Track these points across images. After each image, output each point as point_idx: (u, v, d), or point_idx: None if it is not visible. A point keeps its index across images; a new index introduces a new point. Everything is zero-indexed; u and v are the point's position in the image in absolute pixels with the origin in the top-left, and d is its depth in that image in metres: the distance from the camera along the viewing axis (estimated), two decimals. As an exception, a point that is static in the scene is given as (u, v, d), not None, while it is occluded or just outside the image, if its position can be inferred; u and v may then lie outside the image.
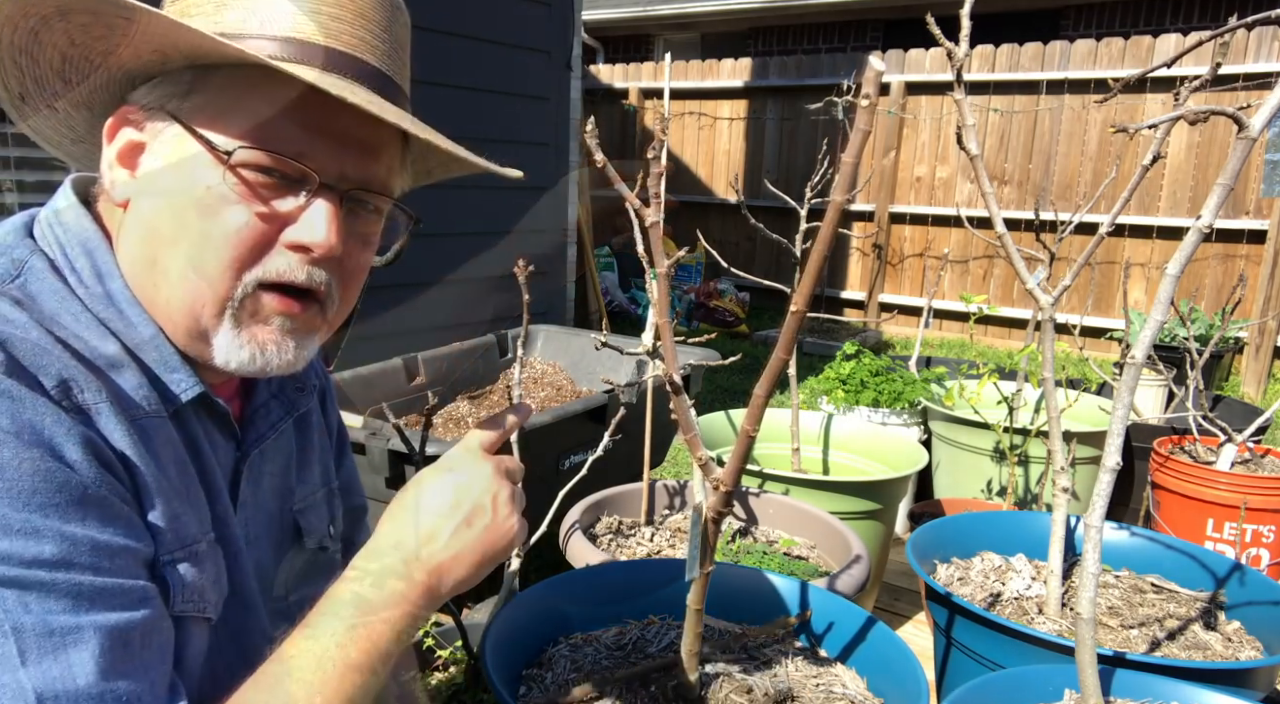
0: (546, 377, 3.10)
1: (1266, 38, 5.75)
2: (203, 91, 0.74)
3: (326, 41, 0.74)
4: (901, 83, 7.09)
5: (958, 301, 6.89)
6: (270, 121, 0.73)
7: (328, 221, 0.75)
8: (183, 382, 0.76)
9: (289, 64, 0.71)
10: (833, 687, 1.23)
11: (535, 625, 1.32)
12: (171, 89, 0.75)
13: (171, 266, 0.74)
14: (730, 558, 1.90)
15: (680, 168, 8.48)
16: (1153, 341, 1.16)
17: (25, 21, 0.70)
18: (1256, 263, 5.90)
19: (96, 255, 0.75)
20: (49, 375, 0.65)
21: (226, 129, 0.73)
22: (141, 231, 0.75)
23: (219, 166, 0.73)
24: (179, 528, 0.73)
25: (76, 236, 0.75)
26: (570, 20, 4.59)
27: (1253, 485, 2.30)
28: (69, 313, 0.71)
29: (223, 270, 0.73)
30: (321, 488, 1.00)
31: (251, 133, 0.73)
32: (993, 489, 2.83)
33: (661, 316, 1.02)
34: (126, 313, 0.74)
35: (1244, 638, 1.58)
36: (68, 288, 0.73)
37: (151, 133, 0.75)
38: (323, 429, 1.03)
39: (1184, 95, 1.37)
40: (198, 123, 0.73)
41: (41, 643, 0.60)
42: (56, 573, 0.61)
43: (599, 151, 0.95)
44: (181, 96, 0.74)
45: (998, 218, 1.57)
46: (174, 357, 0.76)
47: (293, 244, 0.75)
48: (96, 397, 0.67)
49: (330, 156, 0.75)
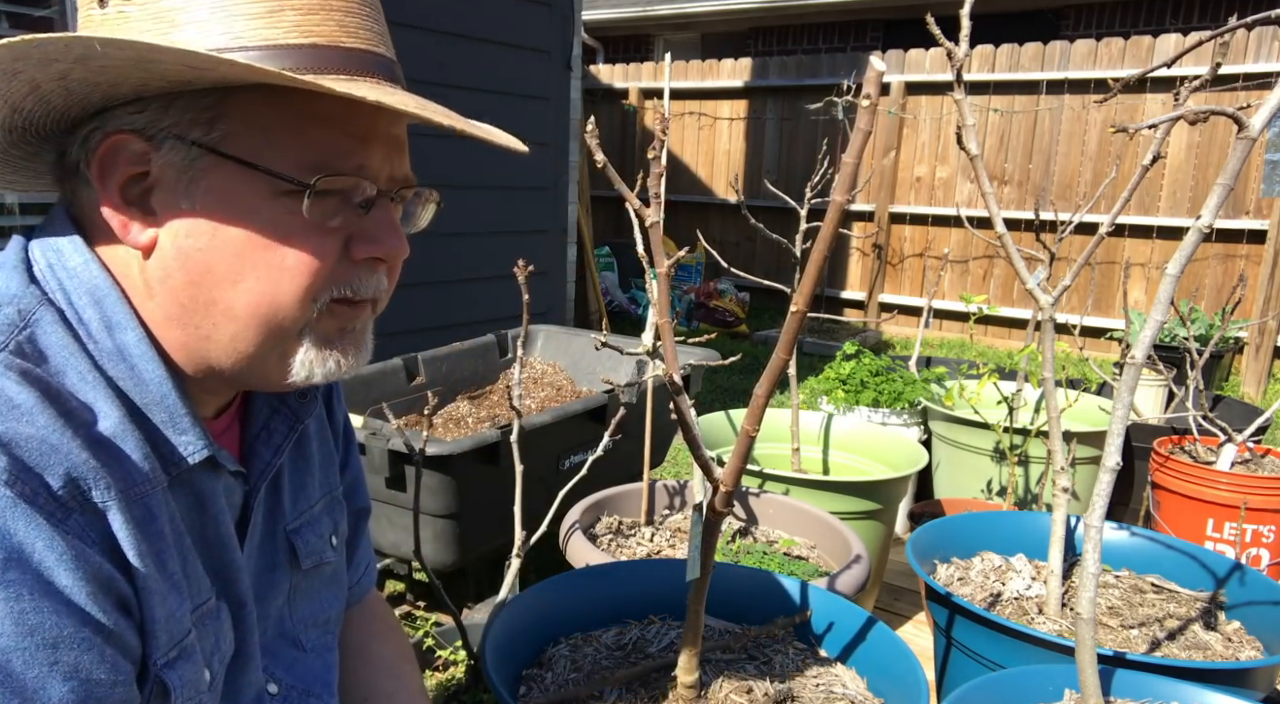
0: (546, 376, 3.10)
1: (1266, 38, 5.75)
2: (231, 116, 0.67)
3: (350, 43, 0.70)
4: (901, 83, 7.09)
5: (958, 302, 6.89)
6: (325, 142, 0.69)
7: (395, 230, 0.74)
8: (190, 444, 0.71)
9: (327, 77, 0.67)
10: (833, 687, 1.23)
11: (535, 625, 1.32)
12: (189, 115, 0.67)
13: (237, 303, 0.70)
14: (730, 558, 1.90)
15: (680, 168, 8.48)
16: (1153, 341, 1.16)
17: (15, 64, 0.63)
18: (1256, 263, 5.90)
19: (106, 305, 0.69)
20: (56, 476, 0.60)
21: (279, 157, 0.68)
22: (190, 275, 0.69)
23: (282, 197, 0.68)
24: (172, 627, 0.69)
25: (83, 284, 0.69)
26: (570, 20, 4.59)
27: (1253, 485, 2.30)
28: (75, 372, 0.66)
29: (301, 299, 0.71)
30: (320, 498, 0.95)
31: (312, 158, 0.69)
32: (993, 489, 2.83)
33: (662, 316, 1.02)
34: (139, 368, 0.69)
35: (1244, 638, 1.58)
36: (78, 343, 0.67)
37: (168, 165, 0.68)
38: (324, 435, 0.98)
39: (1184, 95, 1.37)
40: (246, 155, 0.67)
41: None
42: None
43: (599, 152, 0.95)
44: (205, 124, 0.67)
45: (998, 218, 1.57)
46: (184, 417, 0.71)
47: (367, 257, 0.74)
48: (105, 495, 0.63)
49: (381, 162, 0.73)
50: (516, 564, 1.77)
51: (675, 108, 8.40)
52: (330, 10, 0.69)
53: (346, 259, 0.73)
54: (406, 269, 0.81)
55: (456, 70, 4.00)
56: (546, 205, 4.68)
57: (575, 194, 4.91)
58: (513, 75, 4.31)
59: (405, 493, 2.06)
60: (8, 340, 0.64)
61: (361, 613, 1.11)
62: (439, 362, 2.92)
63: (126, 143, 0.68)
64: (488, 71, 4.18)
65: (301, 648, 0.91)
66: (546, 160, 4.60)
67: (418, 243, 0.82)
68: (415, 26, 3.78)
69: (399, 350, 2.85)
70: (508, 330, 3.20)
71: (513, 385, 1.83)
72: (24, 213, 3.03)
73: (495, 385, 3.06)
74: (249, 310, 0.70)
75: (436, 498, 2.04)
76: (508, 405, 2.61)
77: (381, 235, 0.74)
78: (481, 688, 1.89)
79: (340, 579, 0.99)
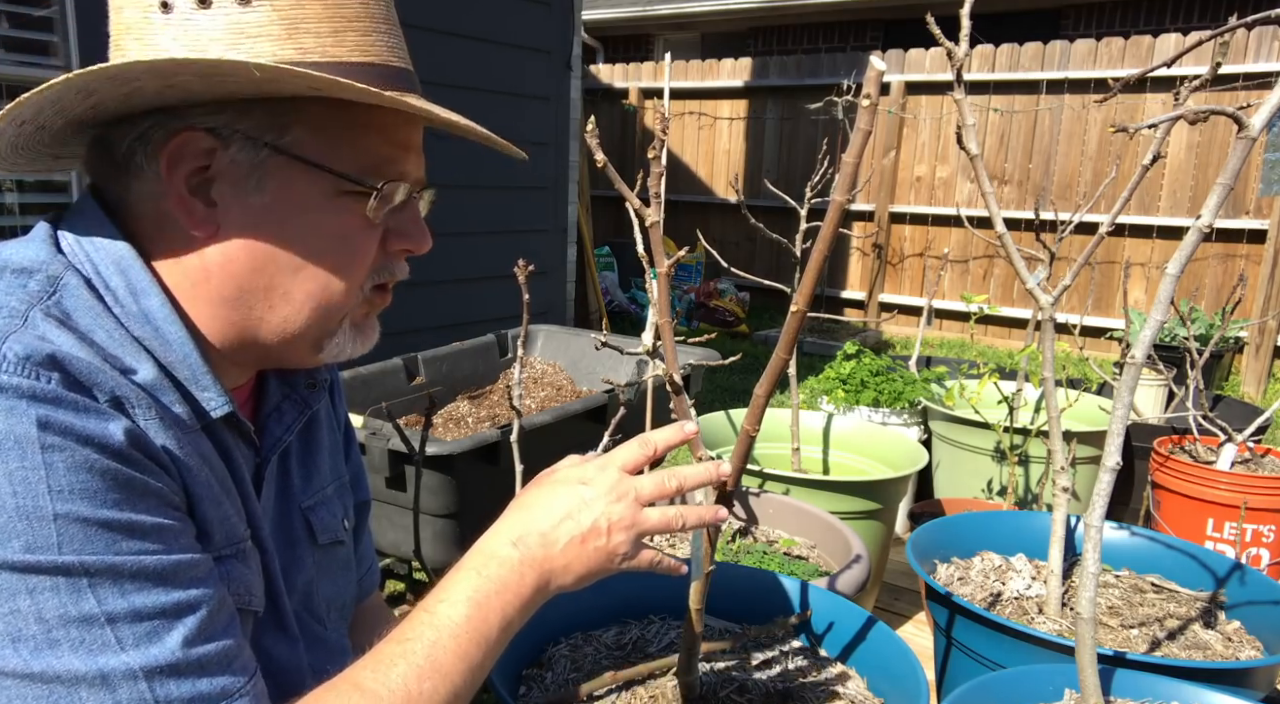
0: (546, 376, 3.10)
1: (1266, 38, 5.75)
2: (302, 123, 0.75)
3: (399, 63, 0.79)
4: (901, 83, 7.09)
5: (958, 301, 6.89)
6: (379, 150, 0.78)
7: (424, 226, 0.84)
8: (213, 400, 0.78)
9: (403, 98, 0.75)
10: (833, 686, 1.23)
11: (535, 625, 1.31)
12: (266, 120, 0.74)
13: (295, 289, 0.78)
14: (730, 558, 1.90)
15: (680, 167, 8.48)
16: (1153, 341, 1.16)
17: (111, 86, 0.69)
18: (1256, 262, 5.90)
19: (131, 273, 0.75)
20: (103, 392, 0.67)
21: (339, 160, 0.76)
22: (254, 261, 0.77)
23: (349, 197, 0.77)
24: (228, 528, 0.77)
25: (109, 254, 0.75)
26: (570, 20, 4.59)
27: (1253, 485, 2.30)
28: (103, 330, 0.72)
29: (354, 288, 0.81)
30: (332, 482, 1.01)
31: (369, 164, 0.78)
32: (993, 489, 2.83)
33: (662, 316, 1.02)
34: (163, 330, 0.75)
35: (1244, 638, 1.58)
36: (103, 305, 0.73)
37: (236, 162, 0.74)
38: (332, 423, 1.04)
39: (1184, 95, 1.37)
40: (315, 157, 0.76)
41: (135, 628, 0.65)
42: (141, 557, 0.66)
43: (599, 151, 0.95)
44: (279, 129, 0.75)
45: (998, 217, 1.57)
46: (206, 375, 0.77)
47: (403, 251, 0.84)
48: (147, 413, 0.70)
49: (414, 166, 0.82)
50: (516, 564, 1.77)
51: (675, 108, 8.40)
52: (380, 34, 0.77)
53: (383, 251, 0.82)
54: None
55: (456, 70, 4.00)
56: (546, 205, 4.68)
57: (575, 194, 4.91)
58: (513, 75, 4.31)
59: (405, 493, 2.06)
60: (40, 302, 0.70)
61: (366, 614, 1.14)
62: (439, 361, 2.92)
63: (197, 140, 0.74)
64: (487, 71, 4.18)
65: (324, 626, 0.96)
66: (546, 160, 4.60)
67: None
68: (415, 26, 3.76)
69: (399, 350, 2.85)
70: (508, 330, 3.20)
71: (513, 385, 1.83)
72: (24, 213, 3.03)
73: (495, 385, 3.06)
74: (305, 296, 0.79)
75: (436, 498, 2.04)
76: (508, 405, 2.61)
77: (414, 231, 0.84)
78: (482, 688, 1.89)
79: (352, 566, 1.04)
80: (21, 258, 0.73)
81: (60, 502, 0.63)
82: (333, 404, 1.05)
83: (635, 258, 5.19)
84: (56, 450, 0.63)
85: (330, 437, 1.02)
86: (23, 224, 3.00)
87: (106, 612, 0.64)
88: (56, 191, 3.17)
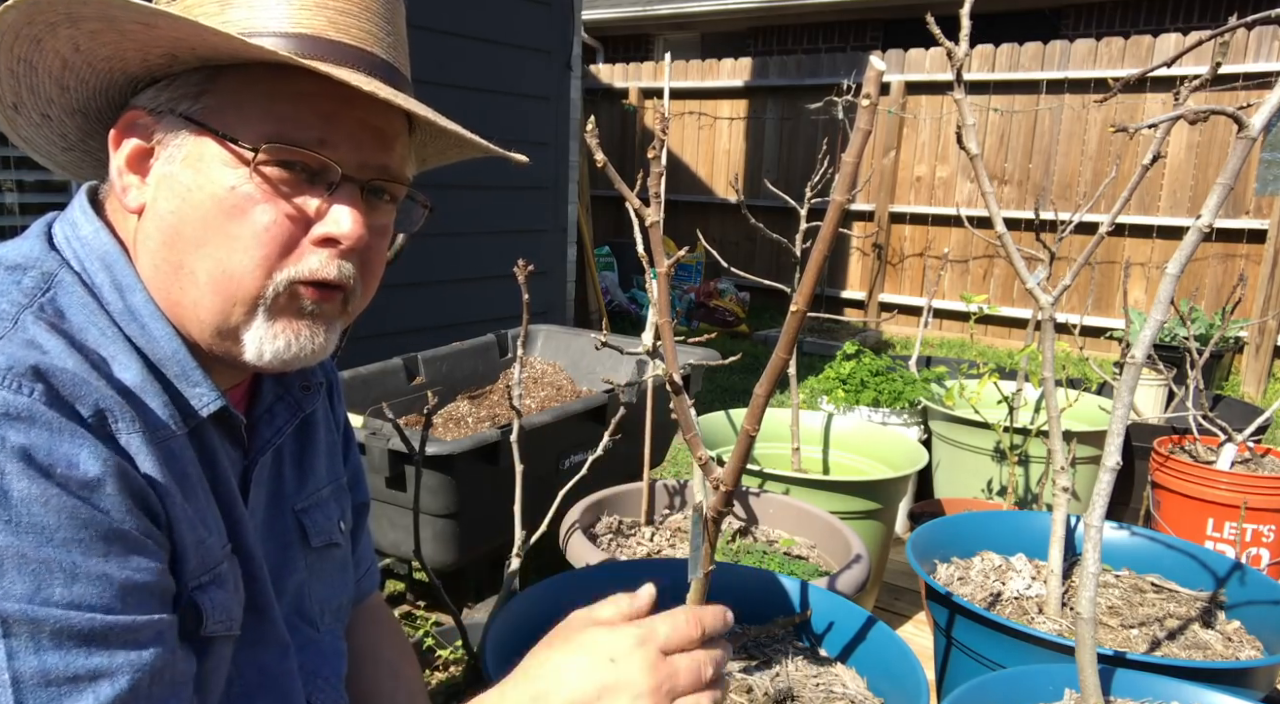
0: (546, 376, 3.10)
1: (1266, 37, 5.75)
2: (215, 92, 0.73)
3: (336, 36, 0.74)
4: (901, 82, 7.09)
5: (958, 301, 6.89)
6: (290, 117, 0.73)
7: (354, 214, 0.76)
8: (204, 396, 0.76)
9: (306, 60, 0.71)
10: (833, 686, 1.23)
11: (535, 625, 1.32)
12: (182, 91, 0.73)
13: (199, 269, 0.73)
14: (730, 558, 1.90)
15: (680, 167, 8.48)
16: (1153, 341, 1.16)
17: (30, 28, 0.68)
18: (1256, 262, 5.90)
19: (115, 269, 0.74)
20: (86, 405, 0.65)
21: (245, 128, 0.72)
22: (163, 237, 0.74)
23: (243, 166, 0.72)
24: (204, 553, 0.74)
25: (94, 250, 0.74)
26: (570, 20, 4.59)
27: (1253, 485, 2.30)
28: (97, 328, 0.70)
29: (253, 269, 0.73)
30: (328, 484, 0.99)
31: (273, 130, 0.72)
32: (993, 489, 2.83)
33: (662, 316, 1.02)
34: (149, 327, 0.74)
35: (1244, 637, 1.58)
36: (97, 302, 0.72)
37: (162, 136, 0.74)
38: (330, 424, 1.02)
39: (1184, 95, 1.37)
40: (215, 123, 0.72)
41: (39, 692, 0.59)
42: (69, 612, 0.61)
43: (599, 151, 0.95)
44: (193, 98, 0.73)
45: (998, 217, 1.57)
46: (196, 370, 0.75)
47: (321, 238, 0.75)
48: (130, 426, 0.67)
49: (350, 147, 0.75)
50: (516, 564, 1.77)
51: (675, 107, 8.40)
52: (322, 9, 0.74)
53: (305, 240, 0.75)
54: (407, 269, 0.83)
55: (456, 70, 4.00)
56: (546, 205, 4.67)
57: (575, 194, 4.91)
58: (513, 75, 4.30)
59: (405, 493, 2.06)
60: (33, 301, 0.69)
61: (365, 615, 1.13)
62: (439, 361, 2.92)
63: (136, 117, 0.75)
64: (487, 71, 4.18)
65: (316, 628, 0.94)
66: (546, 160, 4.60)
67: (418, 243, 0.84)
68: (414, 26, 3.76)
69: (399, 350, 2.85)
70: (508, 330, 3.20)
71: (513, 385, 1.83)
72: (24, 213, 3.03)
73: (495, 385, 3.06)
74: (207, 276, 0.74)
75: (436, 498, 2.04)
76: (508, 405, 2.61)
77: (338, 217, 0.75)
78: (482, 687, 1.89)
79: (349, 568, 1.02)
80: (15, 254, 0.73)
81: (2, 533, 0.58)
82: (331, 406, 1.04)
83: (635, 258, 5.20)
84: (15, 477, 0.59)
85: (328, 438, 1.01)
86: (22, 224, 3.00)
87: (14, 669, 0.58)
88: (56, 192, 3.17)
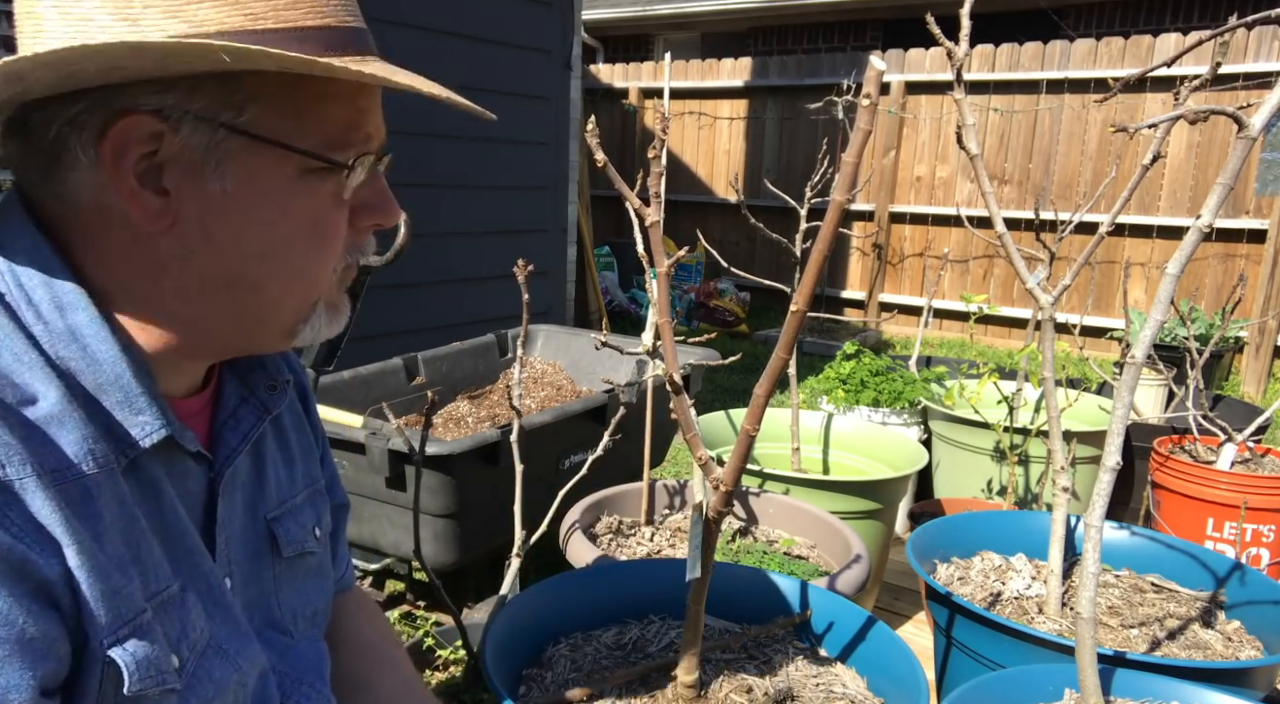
0: (546, 376, 3.10)
1: (1266, 37, 5.75)
2: (259, 98, 0.68)
3: (353, 23, 0.72)
4: (901, 82, 7.09)
5: (958, 301, 6.89)
6: (341, 120, 0.72)
7: (392, 198, 0.78)
8: (147, 425, 0.69)
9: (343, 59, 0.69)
10: (833, 686, 1.23)
11: (535, 625, 1.32)
12: (219, 98, 0.66)
13: (267, 280, 0.72)
14: (730, 557, 1.90)
15: (680, 167, 8.48)
16: (1153, 341, 1.16)
17: None
18: (1256, 262, 5.90)
19: (56, 285, 0.67)
20: None
21: (305, 136, 0.70)
22: (216, 251, 0.70)
23: (315, 175, 0.71)
24: (120, 604, 0.66)
25: (31, 264, 0.67)
26: (570, 20, 4.59)
27: (1253, 485, 2.30)
28: (10, 353, 0.64)
29: (328, 269, 0.75)
30: (303, 489, 0.95)
31: (332, 135, 0.71)
32: (993, 489, 2.83)
33: (662, 316, 1.02)
34: (91, 348, 0.67)
35: (1244, 637, 1.58)
36: (15, 323, 0.65)
37: (189, 146, 0.67)
38: (302, 428, 0.98)
39: (1184, 95, 1.37)
40: (271, 133, 0.68)
41: None
42: None
43: (599, 151, 0.95)
44: (236, 107, 0.67)
45: (998, 217, 1.57)
46: (141, 396, 0.69)
47: (372, 225, 0.78)
48: (21, 471, 0.61)
49: (375, 131, 0.76)
50: (516, 564, 1.77)
51: (675, 107, 8.40)
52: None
53: (352, 227, 0.77)
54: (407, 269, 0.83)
55: (456, 70, 4.00)
56: (546, 205, 4.67)
57: (575, 194, 4.91)
58: (513, 75, 4.31)
59: (405, 493, 2.06)
60: None
61: (344, 604, 1.11)
62: (439, 361, 2.92)
63: (142, 124, 0.65)
64: (487, 71, 4.18)
65: (290, 636, 0.91)
66: (546, 160, 4.60)
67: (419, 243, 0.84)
68: (414, 26, 3.78)
69: (399, 350, 2.85)
70: (508, 330, 3.20)
71: (513, 385, 1.83)
72: None
73: (495, 385, 3.06)
74: (278, 285, 0.73)
75: (436, 498, 2.04)
76: (508, 405, 2.61)
77: (382, 204, 0.78)
78: (481, 687, 1.89)
79: (326, 573, 0.98)
80: None
81: None
82: (305, 408, 1.00)
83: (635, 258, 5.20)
84: None
85: (301, 442, 0.96)
86: None
87: None
88: None
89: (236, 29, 0.65)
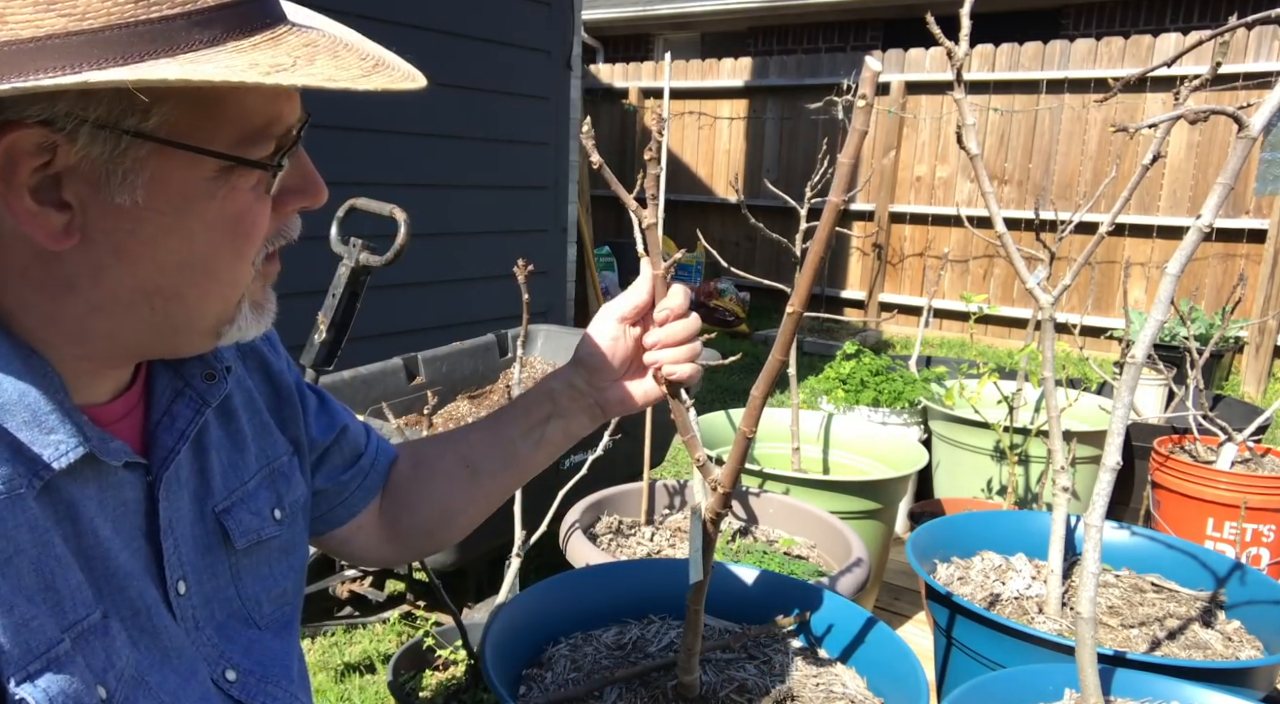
0: (546, 376, 3.10)
1: (1266, 37, 5.75)
2: (166, 99, 0.61)
3: None
4: (901, 82, 7.10)
5: (958, 301, 6.89)
6: (259, 109, 0.65)
7: (316, 175, 0.73)
8: (61, 444, 0.65)
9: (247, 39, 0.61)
10: (833, 686, 1.23)
11: (535, 625, 1.32)
12: (120, 103, 0.59)
13: (185, 288, 0.68)
14: (730, 557, 1.90)
15: (680, 167, 8.48)
16: (1153, 341, 1.16)
17: None
18: (1256, 262, 5.90)
19: None
20: None
21: (216, 134, 0.64)
22: (130, 264, 0.65)
23: (233, 173, 0.65)
24: (28, 638, 0.62)
25: None
26: (570, 20, 4.60)
27: (1253, 485, 2.30)
28: None
29: (248, 267, 0.70)
30: (256, 472, 0.89)
31: (251, 128, 0.65)
32: (993, 489, 2.83)
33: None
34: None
35: (1244, 637, 1.58)
36: None
37: (88, 157, 0.61)
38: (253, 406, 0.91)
39: (1184, 95, 1.37)
40: (184, 137, 0.62)
41: None
42: None
43: (595, 152, 0.95)
44: (142, 111, 0.60)
45: (998, 217, 1.57)
46: (51, 414, 0.65)
47: (301, 208, 0.73)
48: None
49: (291, 110, 0.69)
50: (516, 564, 1.77)
51: (675, 107, 8.41)
52: None
53: (275, 215, 0.71)
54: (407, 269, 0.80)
55: (456, 70, 4.00)
56: (546, 205, 4.68)
57: (575, 194, 4.91)
58: (513, 75, 4.31)
59: (405, 493, 2.05)
60: None
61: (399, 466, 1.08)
62: (439, 361, 2.92)
63: (28, 137, 0.58)
64: (487, 71, 4.18)
65: (257, 626, 0.87)
66: (546, 160, 4.60)
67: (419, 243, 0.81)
68: (414, 26, 3.78)
69: (399, 350, 2.85)
70: (508, 330, 3.20)
71: (513, 385, 1.83)
72: None
73: (495, 385, 3.06)
74: (197, 292, 0.69)
75: (436, 498, 2.03)
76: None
77: (308, 186, 0.73)
78: (481, 687, 1.89)
79: (294, 550, 0.93)
80: None
81: None
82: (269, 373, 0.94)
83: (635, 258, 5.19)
84: None
85: (253, 421, 0.90)
86: None
87: None
88: None
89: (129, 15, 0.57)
